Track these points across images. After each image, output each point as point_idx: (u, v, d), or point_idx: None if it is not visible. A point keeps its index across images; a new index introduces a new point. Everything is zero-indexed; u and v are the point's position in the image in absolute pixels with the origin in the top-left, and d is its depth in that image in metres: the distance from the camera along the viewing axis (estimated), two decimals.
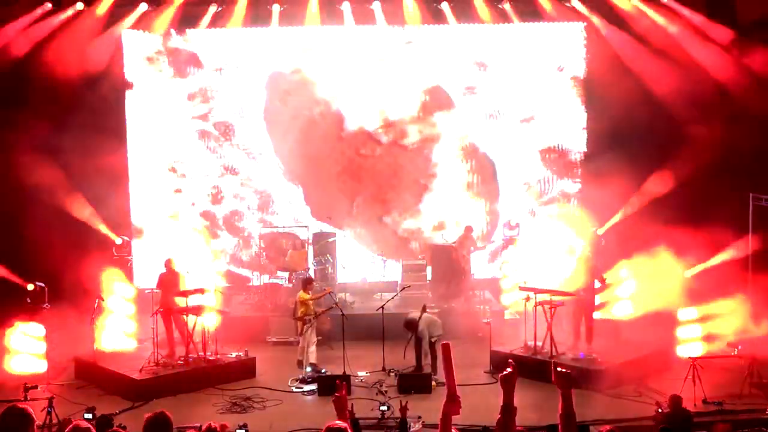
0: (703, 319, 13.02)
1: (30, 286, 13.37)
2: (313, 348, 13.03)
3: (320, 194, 17.30)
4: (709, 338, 12.96)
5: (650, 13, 15.97)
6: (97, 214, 15.82)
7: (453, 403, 5.20)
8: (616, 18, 16.29)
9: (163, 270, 13.38)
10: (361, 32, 16.90)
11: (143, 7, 16.28)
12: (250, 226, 17.18)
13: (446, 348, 5.41)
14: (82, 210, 15.66)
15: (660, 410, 10.11)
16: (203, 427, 7.18)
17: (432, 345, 12.78)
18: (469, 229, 15.94)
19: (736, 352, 12.21)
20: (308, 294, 13.19)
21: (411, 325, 12.77)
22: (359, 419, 10.82)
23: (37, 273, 13.63)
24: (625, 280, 14.02)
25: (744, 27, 15.70)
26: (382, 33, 16.87)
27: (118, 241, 15.78)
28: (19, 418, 4.72)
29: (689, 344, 13.00)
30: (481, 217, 17.16)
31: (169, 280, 13.24)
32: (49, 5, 15.62)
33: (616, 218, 15.84)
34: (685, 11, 15.77)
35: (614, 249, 14.79)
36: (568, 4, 16.49)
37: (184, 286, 13.19)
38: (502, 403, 5.02)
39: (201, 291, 13.05)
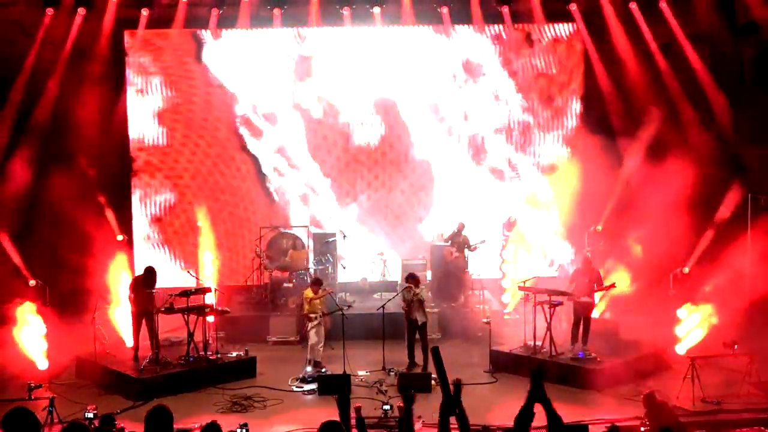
0: (701, 316, 13.07)
1: (32, 282, 13.40)
2: (319, 347, 13.08)
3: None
4: (706, 335, 13.02)
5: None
6: (98, 213, 15.83)
7: (449, 405, 5.29)
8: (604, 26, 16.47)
9: (140, 274, 13.32)
10: (360, 34, 16.98)
11: (145, 12, 16.38)
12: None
13: (436, 352, 5.48)
14: (83, 208, 15.69)
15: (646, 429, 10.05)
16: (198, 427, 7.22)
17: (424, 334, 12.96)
18: (461, 227, 15.92)
19: (733, 351, 12.22)
20: (313, 293, 13.23)
21: (414, 277, 12.98)
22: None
23: (39, 272, 13.67)
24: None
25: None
26: (381, 35, 16.95)
27: (119, 237, 15.81)
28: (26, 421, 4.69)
29: (688, 341, 13.06)
30: (478, 216, 17.21)
31: (143, 284, 13.20)
32: (50, 11, 15.63)
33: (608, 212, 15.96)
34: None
35: (607, 246, 14.88)
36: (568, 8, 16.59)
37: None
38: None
39: (204, 291, 13.07)
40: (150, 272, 13.07)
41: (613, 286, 13.21)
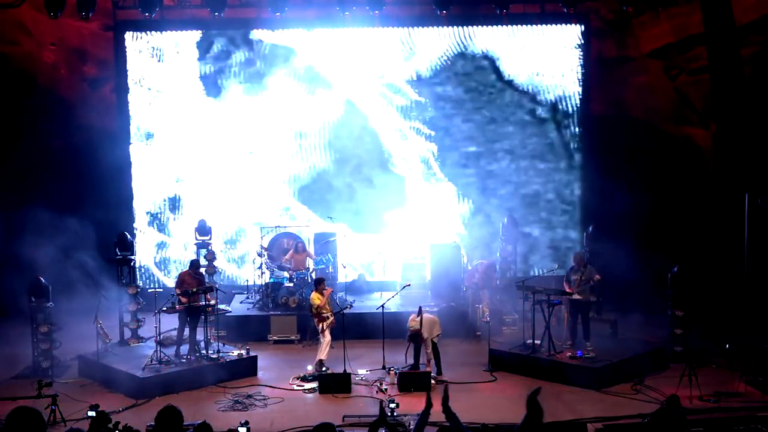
0: (696, 315, 13.15)
1: None
2: (326, 348, 13.11)
3: None
4: (703, 333, 13.10)
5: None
6: (100, 212, 15.90)
7: None
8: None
9: (187, 269, 13.48)
10: (361, 35, 17.05)
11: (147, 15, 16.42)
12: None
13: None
14: (85, 208, 15.75)
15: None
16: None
17: (434, 345, 12.90)
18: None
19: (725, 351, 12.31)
20: (316, 294, 13.30)
21: (416, 338, 12.67)
22: (361, 416, 10.95)
23: (42, 270, 13.72)
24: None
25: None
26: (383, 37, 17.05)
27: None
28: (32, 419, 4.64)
29: (685, 340, 13.14)
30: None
31: (188, 281, 13.26)
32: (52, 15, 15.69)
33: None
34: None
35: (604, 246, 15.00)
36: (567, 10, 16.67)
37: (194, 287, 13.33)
38: None
39: (205, 290, 13.15)
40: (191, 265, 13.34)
41: (597, 279, 13.27)
